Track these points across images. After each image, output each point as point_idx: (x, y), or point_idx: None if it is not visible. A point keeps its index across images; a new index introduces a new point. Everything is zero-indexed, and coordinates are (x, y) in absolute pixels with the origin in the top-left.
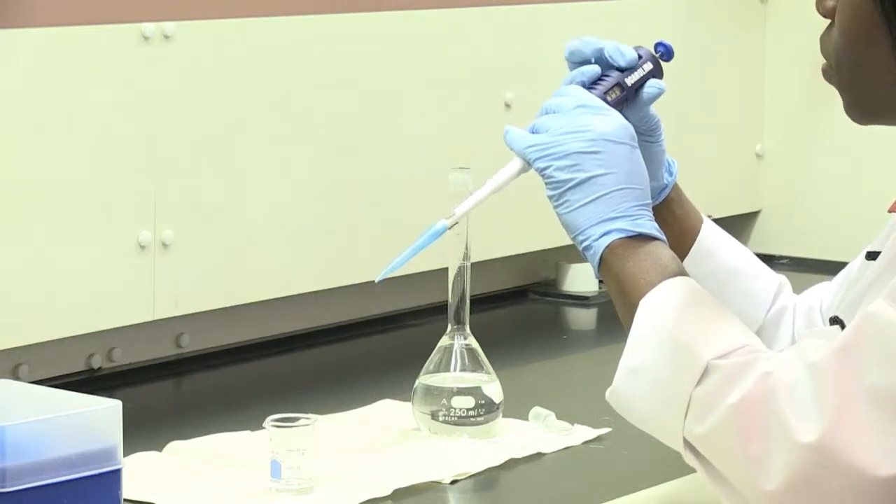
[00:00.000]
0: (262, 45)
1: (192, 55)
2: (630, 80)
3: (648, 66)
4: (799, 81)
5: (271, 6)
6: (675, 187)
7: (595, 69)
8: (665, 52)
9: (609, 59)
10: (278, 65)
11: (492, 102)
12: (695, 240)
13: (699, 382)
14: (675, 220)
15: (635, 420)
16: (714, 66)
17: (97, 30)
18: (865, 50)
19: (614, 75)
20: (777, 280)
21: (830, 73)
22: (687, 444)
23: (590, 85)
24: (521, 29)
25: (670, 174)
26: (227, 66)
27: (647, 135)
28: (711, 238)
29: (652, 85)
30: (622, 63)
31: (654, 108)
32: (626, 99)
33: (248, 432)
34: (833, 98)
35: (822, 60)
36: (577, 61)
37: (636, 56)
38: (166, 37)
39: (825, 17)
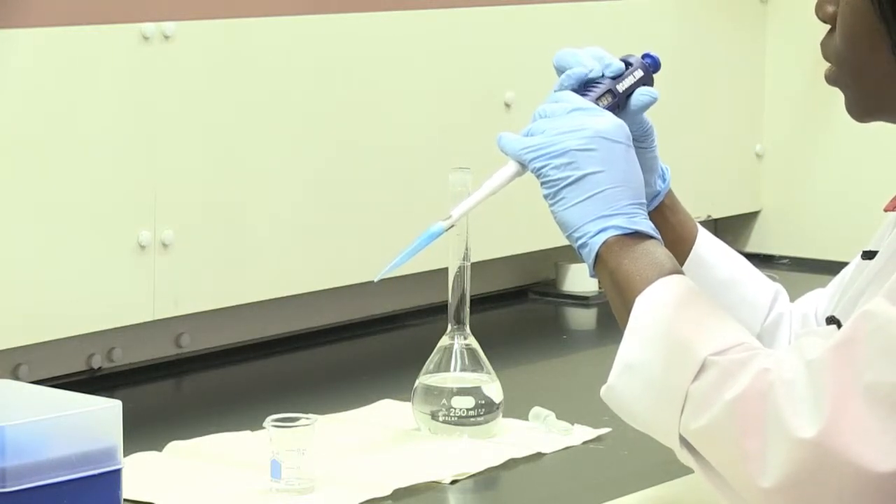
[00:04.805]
0: (262, 45)
1: (192, 55)
2: (621, 87)
3: (639, 74)
4: (799, 81)
5: (271, 6)
6: (669, 194)
7: (582, 71)
8: (652, 64)
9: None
10: (278, 65)
11: (492, 102)
12: (689, 247)
13: (696, 378)
14: (668, 227)
15: (630, 417)
16: (714, 66)
17: (97, 30)
18: (866, 53)
19: (605, 82)
20: (773, 288)
21: (834, 77)
22: (683, 440)
23: (582, 91)
24: (521, 29)
25: (663, 181)
26: (227, 66)
27: (639, 141)
28: (706, 247)
29: (644, 93)
30: (608, 73)
31: (649, 113)
32: (618, 105)
33: (248, 432)
34: (833, 98)
35: (822, 61)
36: (566, 71)
37: (622, 66)
38: (166, 37)
39: (825, 22)
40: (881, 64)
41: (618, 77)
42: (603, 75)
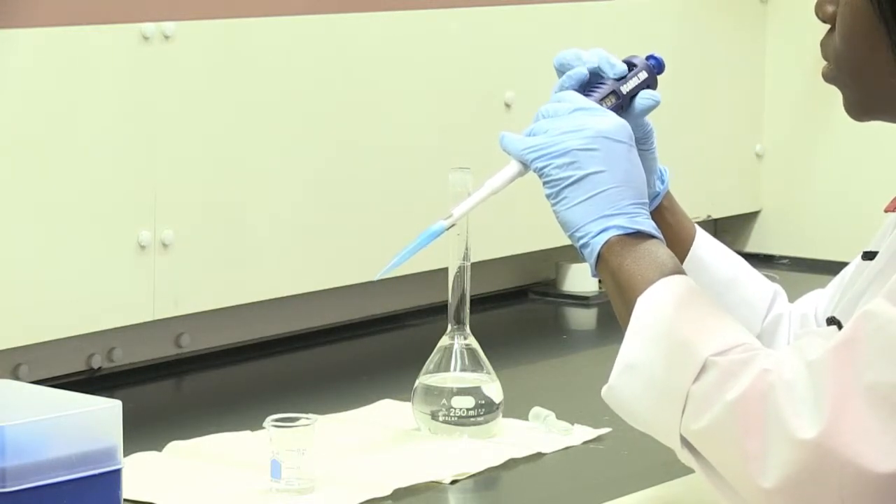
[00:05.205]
0: (262, 45)
1: (192, 55)
2: (625, 88)
3: (644, 75)
4: (799, 81)
5: (271, 6)
6: (668, 195)
7: (583, 72)
8: (656, 65)
9: (598, 70)
10: (278, 65)
11: (492, 102)
12: (687, 249)
13: (697, 379)
14: (667, 228)
15: (631, 417)
16: (714, 66)
17: (97, 30)
18: (866, 52)
19: (609, 83)
20: (772, 288)
21: (831, 75)
22: (684, 441)
23: (585, 92)
24: (521, 29)
25: (662, 182)
26: (227, 66)
27: (639, 143)
28: (705, 248)
29: (647, 97)
30: (611, 74)
31: (650, 114)
32: (622, 106)
33: (248, 432)
34: (833, 98)
35: (822, 61)
36: (566, 72)
37: (625, 68)
38: (166, 37)
39: (825, 22)
40: (880, 64)
41: (621, 78)
42: (600, 69)
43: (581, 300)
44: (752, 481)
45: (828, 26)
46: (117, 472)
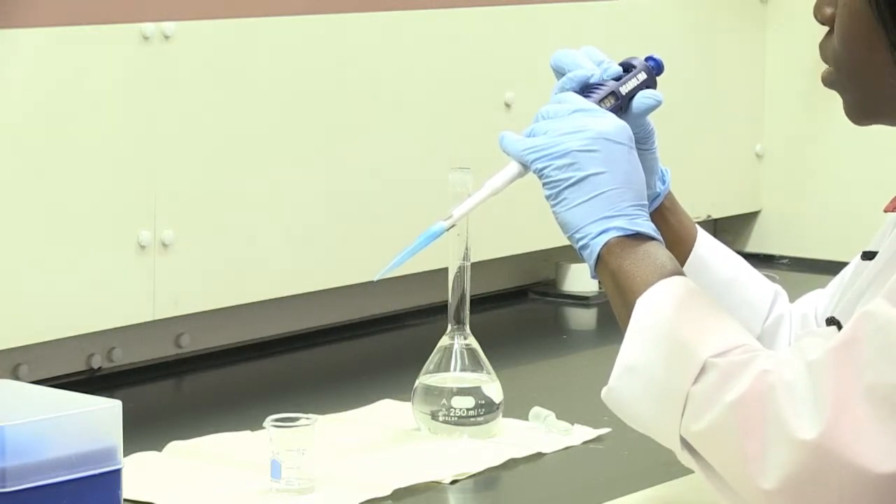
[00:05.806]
0: (262, 45)
1: (192, 55)
2: (624, 89)
3: (642, 76)
4: (799, 81)
5: (271, 6)
6: (669, 196)
7: (584, 73)
8: (655, 66)
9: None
10: (278, 65)
11: (492, 102)
12: (689, 249)
13: (696, 380)
14: (668, 229)
15: (631, 419)
16: (714, 66)
17: (97, 30)
18: (864, 54)
19: (609, 84)
20: (773, 289)
21: (830, 79)
22: (683, 442)
23: (584, 93)
24: (521, 29)
25: (663, 182)
26: (227, 66)
27: (640, 142)
28: (706, 248)
29: (648, 97)
30: (605, 76)
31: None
32: (621, 107)
33: (248, 432)
34: (833, 98)
35: (822, 61)
36: (563, 72)
37: (619, 69)
38: (166, 37)
39: (823, 24)
40: (879, 65)
41: (621, 79)
42: (595, 73)
43: (581, 300)
44: (752, 482)
45: (827, 28)
46: (117, 472)
